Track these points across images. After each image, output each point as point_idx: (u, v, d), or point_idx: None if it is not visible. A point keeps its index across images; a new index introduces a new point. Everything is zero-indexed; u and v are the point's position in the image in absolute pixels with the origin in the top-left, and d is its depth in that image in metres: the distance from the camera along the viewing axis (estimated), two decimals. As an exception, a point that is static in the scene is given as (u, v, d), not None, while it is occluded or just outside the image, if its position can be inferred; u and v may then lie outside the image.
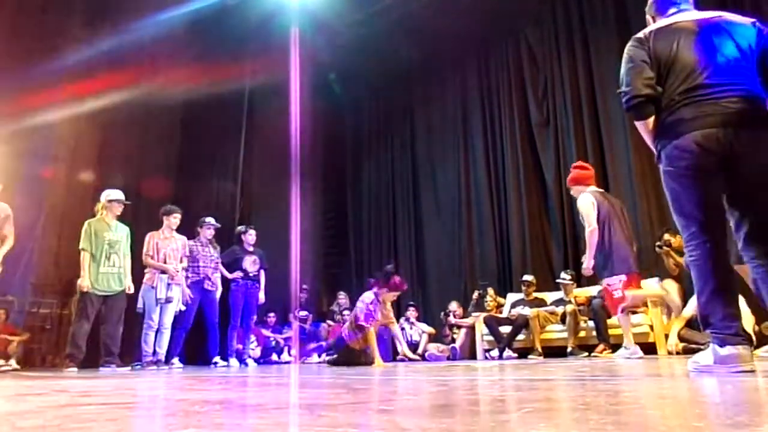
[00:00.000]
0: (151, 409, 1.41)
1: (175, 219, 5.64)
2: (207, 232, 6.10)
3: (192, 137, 8.16)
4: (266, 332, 7.48)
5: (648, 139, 2.31)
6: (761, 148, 2.02)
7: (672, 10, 2.36)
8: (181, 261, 5.66)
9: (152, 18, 7.29)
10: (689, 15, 2.31)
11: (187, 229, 6.07)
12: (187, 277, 5.79)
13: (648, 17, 2.55)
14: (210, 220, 6.17)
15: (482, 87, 8.55)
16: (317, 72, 9.34)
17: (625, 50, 2.33)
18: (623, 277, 4.56)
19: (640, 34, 2.32)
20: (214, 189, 8.17)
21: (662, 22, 2.34)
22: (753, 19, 2.23)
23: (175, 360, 5.68)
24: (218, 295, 6.02)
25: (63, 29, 6.95)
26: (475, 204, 8.28)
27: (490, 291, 6.94)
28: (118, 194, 5.37)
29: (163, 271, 5.45)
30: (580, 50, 7.42)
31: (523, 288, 6.58)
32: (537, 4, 7.98)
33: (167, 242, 5.56)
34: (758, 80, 2.11)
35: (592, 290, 6.05)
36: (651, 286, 5.70)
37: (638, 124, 2.30)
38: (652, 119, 2.24)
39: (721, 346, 2.00)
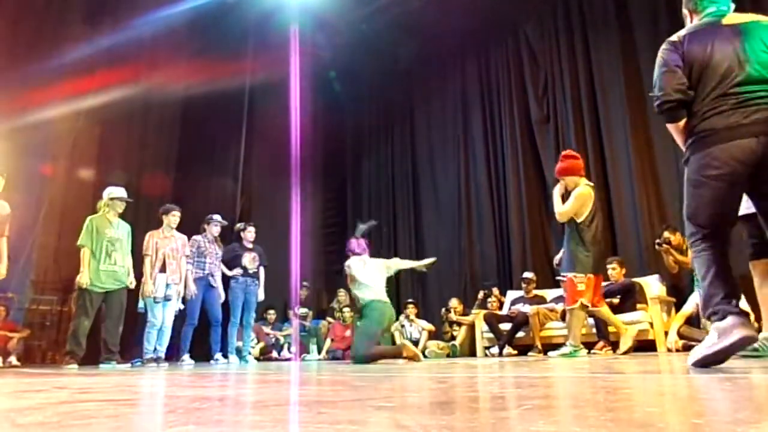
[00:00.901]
0: (151, 406, 1.41)
1: (174, 217, 5.63)
2: (214, 229, 6.12)
3: (192, 134, 8.16)
4: (266, 329, 7.49)
5: (679, 140, 2.33)
6: None
7: (710, 9, 2.34)
8: (180, 260, 5.66)
9: (152, 15, 7.28)
10: (724, 18, 2.28)
11: (187, 227, 6.06)
12: (193, 272, 5.82)
13: (684, 10, 2.51)
14: (217, 217, 6.19)
15: (482, 84, 8.55)
16: (317, 69, 9.34)
17: (659, 53, 2.33)
18: (591, 276, 4.52)
19: (674, 37, 2.31)
20: (214, 186, 8.17)
21: (696, 24, 2.34)
22: None
23: (186, 357, 5.69)
24: (221, 292, 6.03)
25: (63, 26, 6.94)
26: (475, 201, 8.29)
27: (495, 291, 6.95)
28: (121, 192, 5.36)
29: (162, 270, 5.45)
30: (580, 47, 7.41)
31: (523, 285, 6.59)
32: (537, 2, 7.97)
33: (167, 241, 5.55)
34: None
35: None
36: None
37: (670, 126, 2.33)
38: (683, 122, 2.26)
39: (722, 320, 2.03)
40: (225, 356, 5.98)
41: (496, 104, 8.31)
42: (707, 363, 2.06)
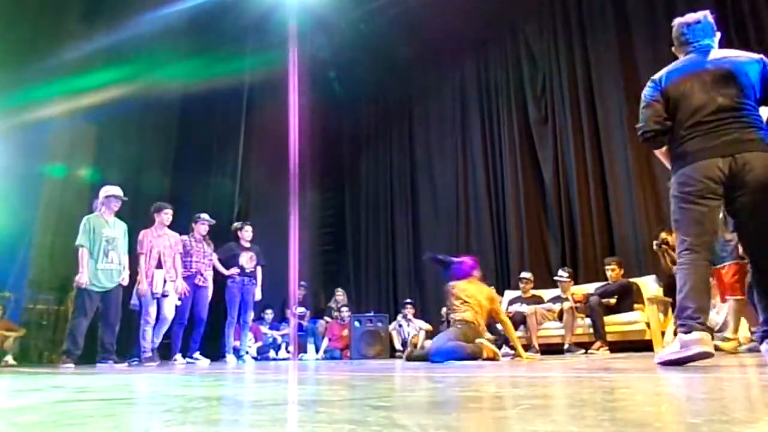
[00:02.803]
0: (149, 405, 1.41)
1: (166, 215, 5.62)
2: (201, 228, 6.08)
3: (190, 134, 8.15)
4: (264, 329, 7.49)
5: (666, 163, 2.67)
6: (756, 165, 2.31)
7: (690, 49, 2.63)
8: (175, 257, 5.66)
9: (150, 13, 7.26)
10: (705, 54, 2.57)
11: (185, 227, 6.05)
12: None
13: (673, 49, 2.80)
14: (204, 216, 6.15)
15: (481, 85, 8.55)
16: (315, 69, 9.32)
17: (643, 90, 2.70)
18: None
19: (656, 76, 2.66)
20: (212, 185, 8.16)
21: (678, 62, 2.66)
22: (760, 56, 2.51)
23: (178, 356, 5.70)
24: (210, 293, 6.00)
25: (59, 25, 6.92)
26: (473, 201, 8.29)
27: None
28: (116, 190, 5.35)
29: (158, 267, 5.45)
30: (579, 48, 7.42)
31: (521, 285, 6.60)
32: (536, 2, 7.97)
33: (160, 240, 5.55)
34: (758, 113, 2.43)
35: (589, 288, 6.07)
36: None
37: (656, 152, 2.74)
38: (665, 147, 2.62)
39: (686, 333, 2.29)
40: (222, 356, 5.98)
41: (495, 104, 8.32)
42: (669, 365, 2.35)
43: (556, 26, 7.75)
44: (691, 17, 2.68)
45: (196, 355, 5.82)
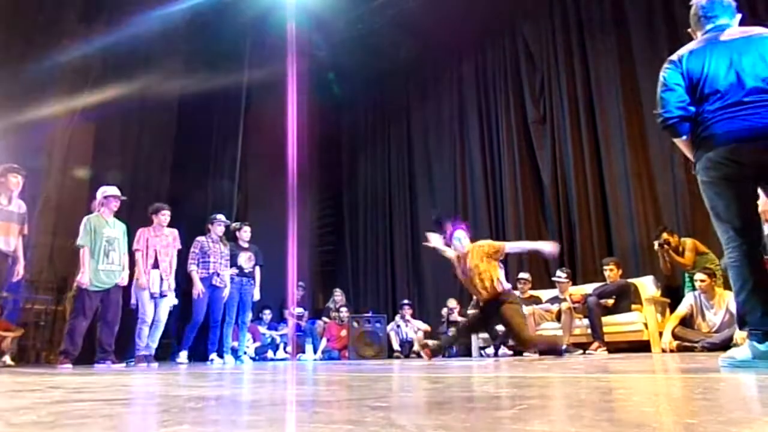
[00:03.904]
0: (146, 406, 1.40)
1: (164, 216, 5.63)
2: (218, 229, 6.10)
3: (188, 134, 8.13)
4: (262, 329, 7.48)
5: (687, 153, 2.50)
6: None
7: (708, 26, 2.48)
8: (171, 256, 5.66)
9: (148, 14, 7.25)
10: (722, 33, 2.42)
11: (183, 226, 6.05)
12: (199, 273, 5.84)
13: (690, 31, 2.65)
14: (220, 216, 6.17)
15: (479, 85, 8.56)
16: (314, 69, 9.33)
17: (661, 72, 2.48)
18: None
19: (675, 56, 2.47)
20: (211, 186, 8.15)
21: (695, 42, 2.49)
22: None
23: (183, 354, 5.71)
24: (227, 293, 6.00)
25: (58, 24, 6.91)
26: (471, 201, 8.29)
27: None
28: (114, 190, 5.35)
29: (154, 266, 5.46)
30: (577, 48, 7.42)
31: (519, 286, 6.59)
32: (534, 2, 7.98)
33: (157, 239, 5.57)
34: None
35: (587, 288, 6.07)
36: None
37: (676, 141, 2.50)
38: (685, 137, 2.42)
39: (760, 342, 2.11)
40: (221, 356, 5.97)
41: (493, 105, 8.32)
42: (738, 368, 2.15)
43: (555, 26, 7.75)
44: None
45: (213, 356, 5.83)
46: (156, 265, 5.48)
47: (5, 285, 4.96)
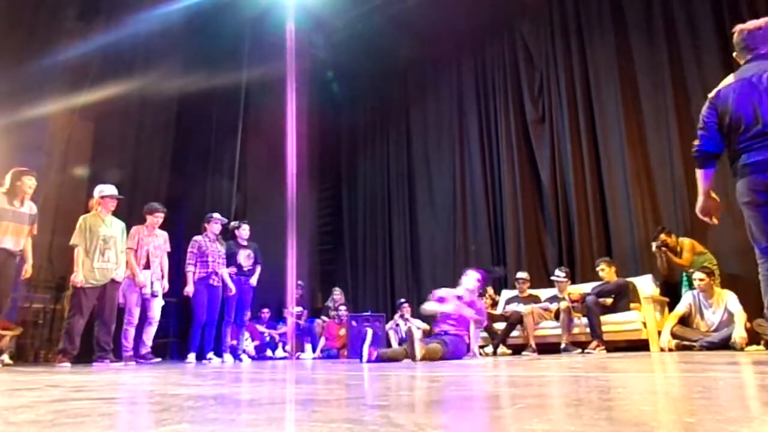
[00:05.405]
0: (145, 405, 1.40)
1: (157, 218, 5.64)
2: (214, 227, 6.09)
3: (187, 132, 8.12)
4: (261, 328, 7.48)
5: (701, 182, 2.82)
6: None
7: (749, 56, 2.70)
8: (162, 257, 5.67)
9: (147, 12, 7.24)
10: (756, 66, 2.63)
11: (182, 225, 6.05)
12: (197, 273, 5.84)
13: (735, 55, 2.83)
14: (216, 215, 6.16)
15: (478, 84, 8.55)
16: (313, 68, 9.33)
17: (704, 107, 2.79)
18: None
19: (712, 94, 2.76)
20: (210, 184, 8.14)
21: (729, 77, 2.73)
22: None
23: (191, 356, 5.71)
24: (233, 288, 6.01)
25: (57, 23, 6.90)
26: (470, 200, 8.29)
27: (490, 290, 6.97)
28: (111, 189, 5.34)
29: (146, 267, 5.47)
30: (576, 47, 7.43)
31: (518, 285, 6.61)
32: (533, 3, 7.98)
33: (150, 239, 5.59)
34: None
35: (586, 287, 6.08)
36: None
37: (697, 171, 2.84)
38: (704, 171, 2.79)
39: None
40: (218, 355, 5.97)
41: (492, 104, 8.32)
42: None
43: (554, 26, 7.75)
44: (752, 24, 2.70)
45: (210, 355, 5.83)
46: (147, 266, 5.50)
47: (17, 285, 5.01)
